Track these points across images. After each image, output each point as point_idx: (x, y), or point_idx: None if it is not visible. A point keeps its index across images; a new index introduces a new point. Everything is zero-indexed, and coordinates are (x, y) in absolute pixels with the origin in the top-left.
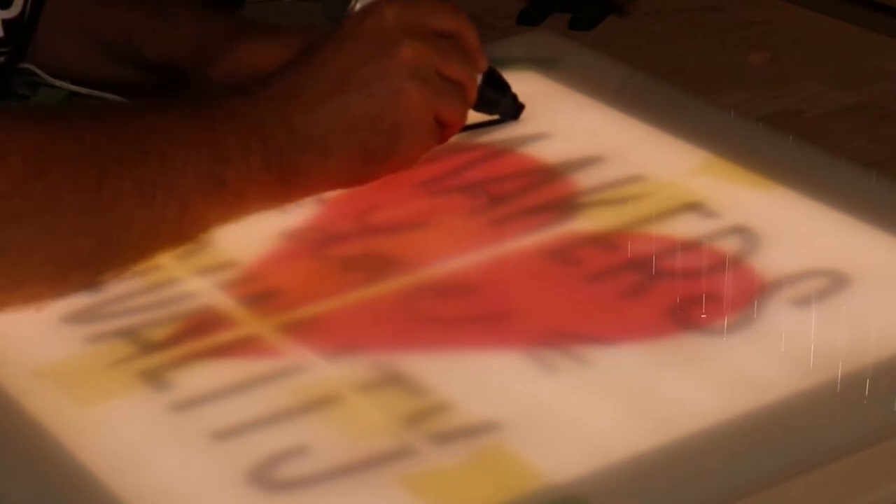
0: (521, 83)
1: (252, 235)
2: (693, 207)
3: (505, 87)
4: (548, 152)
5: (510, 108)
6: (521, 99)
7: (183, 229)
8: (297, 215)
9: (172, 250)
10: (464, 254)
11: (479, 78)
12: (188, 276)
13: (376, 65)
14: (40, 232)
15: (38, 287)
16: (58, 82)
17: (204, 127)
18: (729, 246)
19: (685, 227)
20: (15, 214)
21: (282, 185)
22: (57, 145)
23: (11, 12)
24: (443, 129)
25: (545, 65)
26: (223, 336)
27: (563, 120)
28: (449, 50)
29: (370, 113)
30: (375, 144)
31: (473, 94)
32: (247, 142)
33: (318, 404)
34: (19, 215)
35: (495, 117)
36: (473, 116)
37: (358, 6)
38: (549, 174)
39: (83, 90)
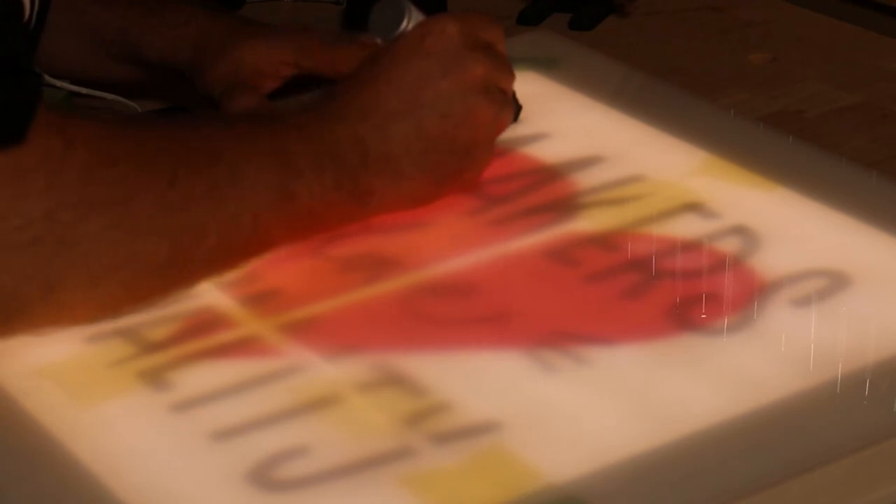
0: (521, 83)
1: None
2: (693, 207)
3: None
4: (548, 152)
5: (517, 108)
6: (522, 99)
7: (254, 243)
8: None
9: (241, 267)
10: (464, 254)
11: None
12: None
13: (449, 82)
14: (112, 227)
15: (114, 291)
16: (58, 82)
17: (275, 139)
18: (729, 246)
19: (685, 227)
20: (85, 205)
21: (353, 205)
22: (125, 140)
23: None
24: None
25: (545, 65)
26: (223, 336)
27: (563, 120)
28: (502, 60)
29: (445, 132)
30: (449, 164)
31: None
32: (319, 159)
33: (318, 404)
34: (89, 206)
35: None
36: None
37: (411, 25)
38: (549, 174)
39: (83, 90)
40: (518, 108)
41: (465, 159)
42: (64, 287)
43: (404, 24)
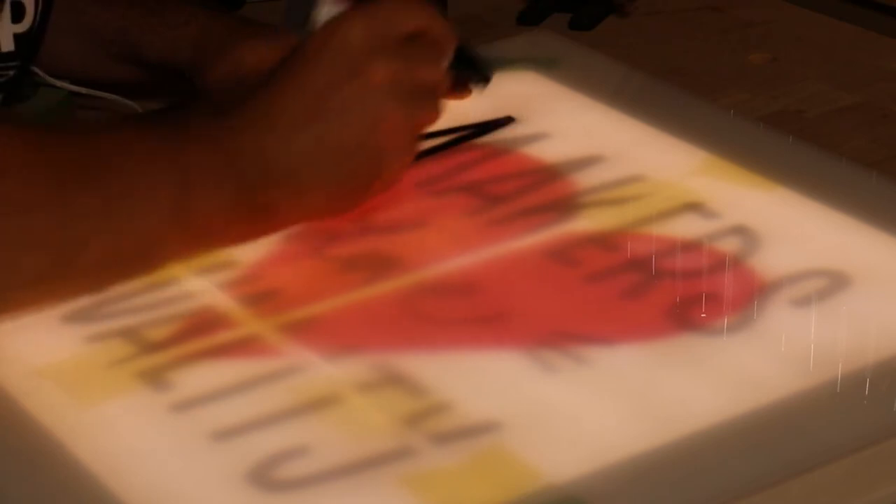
0: (521, 83)
1: None
2: (693, 207)
3: (472, 56)
4: (548, 152)
5: (484, 75)
6: (521, 99)
7: (142, 258)
8: None
9: (128, 281)
10: (464, 254)
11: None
12: (188, 276)
13: (350, 90)
14: None
15: None
16: (58, 82)
17: (175, 151)
18: (729, 246)
19: (685, 227)
20: None
21: (251, 222)
22: (12, 151)
23: (23, 26)
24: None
25: (545, 65)
26: (223, 336)
27: (563, 120)
28: (419, 54)
29: (349, 142)
30: (356, 175)
31: (445, 87)
32: (220, 174)
33: (318, 404)
34: None
35: (490, 124)
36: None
37: (323, 14)
38: (549, 174)
39: (83, 90)
40: (486, 75)
41: (376, 167)
42: None
43: (317, 18)
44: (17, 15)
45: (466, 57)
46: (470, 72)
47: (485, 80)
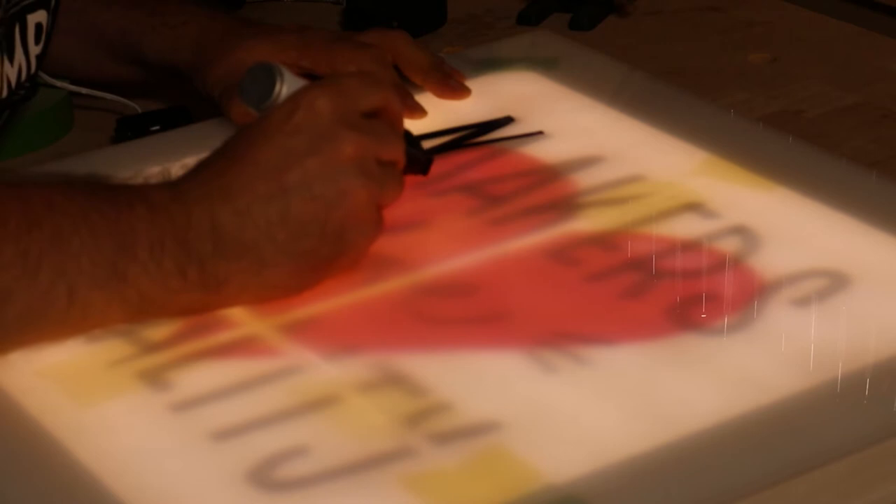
0: (521, 83)
1: None
2: (693, 207)
3: (416, 141)
4: (548, 152)
5: (425, 162)
6: (521, 99)
7: (73, 319)
8: None
9: (61, 341)
10: (464, 254)
11: None
12: None
13: (316, 163)
14: None
15: None
16: (58, 82)
17: (113, 213)
18: (729, 246)
19: (685, 227)
20: None
21: (201, 293)
22: None
23: (40, 47)
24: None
25: (545, 65)
26: (223, 336)
27: (563, 120)
28: (382, 132)
29: (314, 217)
30: (320, 250)
31: (402, 165)
32: (161, 240)
33: (318, 404)
34: None
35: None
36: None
37: (284, 93)
38: (549, 174)
39: (83, 90)
40: (428, 160)
41: (339, 245)
42: None
43: (276, 92)
44: (38, 36)
45: (409, 138)
46: (412, 153)
47: (426, 164)
